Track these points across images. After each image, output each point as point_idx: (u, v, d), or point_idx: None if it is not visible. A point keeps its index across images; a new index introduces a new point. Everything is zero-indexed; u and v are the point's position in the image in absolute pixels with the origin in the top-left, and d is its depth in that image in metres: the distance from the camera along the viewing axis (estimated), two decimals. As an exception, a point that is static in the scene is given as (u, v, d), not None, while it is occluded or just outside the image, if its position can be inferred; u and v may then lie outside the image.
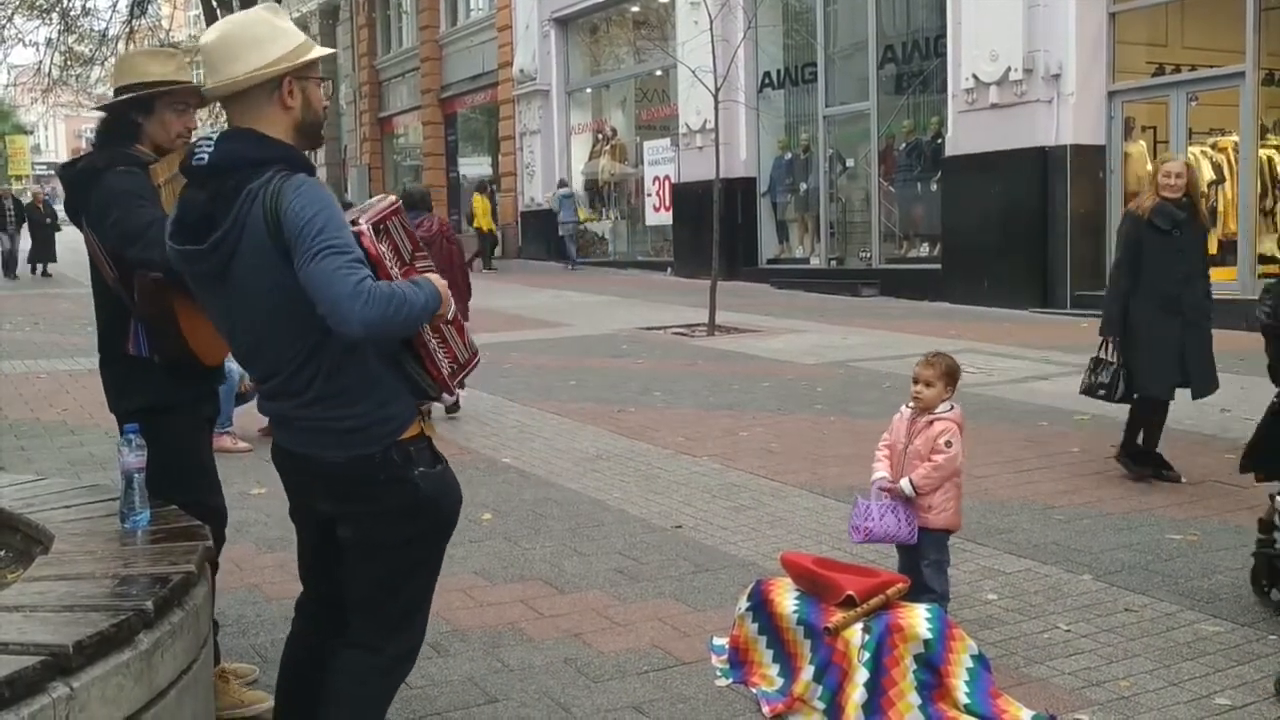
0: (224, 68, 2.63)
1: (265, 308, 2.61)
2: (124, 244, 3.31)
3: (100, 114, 3.81)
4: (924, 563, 4.24)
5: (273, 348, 2.66)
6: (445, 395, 2.81)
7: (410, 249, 2.75)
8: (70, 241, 22.98)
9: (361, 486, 2.70)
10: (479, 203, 23.17)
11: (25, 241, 23.29)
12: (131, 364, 3.48)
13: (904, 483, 4.19)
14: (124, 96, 3.48)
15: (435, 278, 2.67)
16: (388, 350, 2.68)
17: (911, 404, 4.33)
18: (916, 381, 4.28)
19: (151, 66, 3.52)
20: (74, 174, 3.56)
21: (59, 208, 24.32)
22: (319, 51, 2.73)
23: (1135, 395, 6.20)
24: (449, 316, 2.75)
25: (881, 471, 4.30)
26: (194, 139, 2.74)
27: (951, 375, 4.27)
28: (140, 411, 3.45)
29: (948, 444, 4.17)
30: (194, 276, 2.74)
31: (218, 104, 2.88)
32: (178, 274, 2.85)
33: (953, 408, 4.28)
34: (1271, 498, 4.42)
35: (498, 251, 24.77)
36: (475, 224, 23.23)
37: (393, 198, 2.84)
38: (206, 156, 2.60)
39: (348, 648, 2.82)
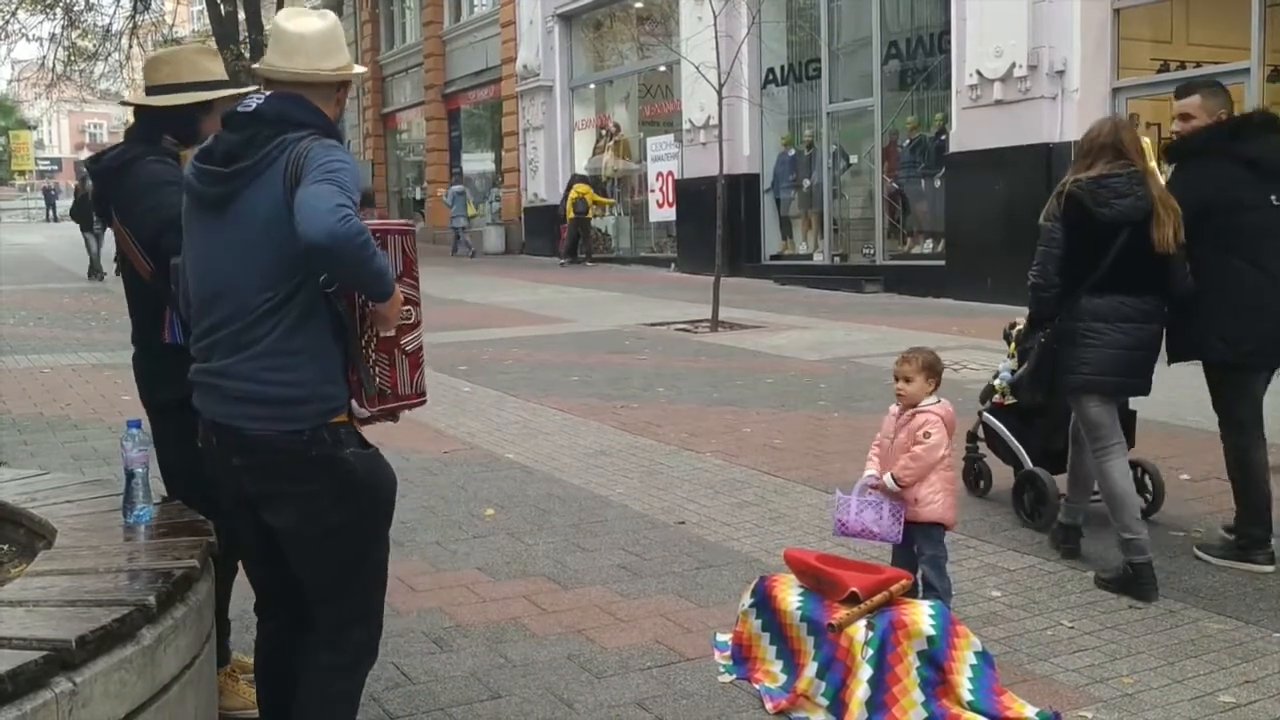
0: (312, 59, 2.82)
1: (250, 246, 2.68)
2: (157, 231, 3.31)
3: (130, 105, 3.82)
4: (920, 559, 4.22)
5: (243, 289, 2.70)
6: (361, 406, 2.81)
7: (400, 270, 2.82)
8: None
9: (290, 464, 2.70)
10: (579, 192, 22.13)
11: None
12: (166, 355, 3.45)
13: (886, 477, 4.18)
14: (199, 96, 3.49)
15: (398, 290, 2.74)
16: (343, 333, 2.74)
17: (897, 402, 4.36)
18: (897, 379, 4.29)
19: (213, 66, 3.61)
20: (104, 166, 3.56)
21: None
22: (360, 69, 3.05)
23: None
24: (407, 349, 2.83)
25: (871, 470, 4.28)
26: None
27: (931, 369, 4.25)
28: (175, 403, 3.39)
29: (926, 435, 4.15)
30: (197, 198, 2.81)
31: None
32: None
33: (939, 401, 4.27)
34: (979, 414, 5.82)
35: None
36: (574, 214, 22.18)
37: (408, 222, 3.06)
38: (254, 104, 2.77)
39: (310, 646, 2.83)
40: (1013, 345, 5.50)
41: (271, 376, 2.68)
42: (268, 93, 2.80)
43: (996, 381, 5.71)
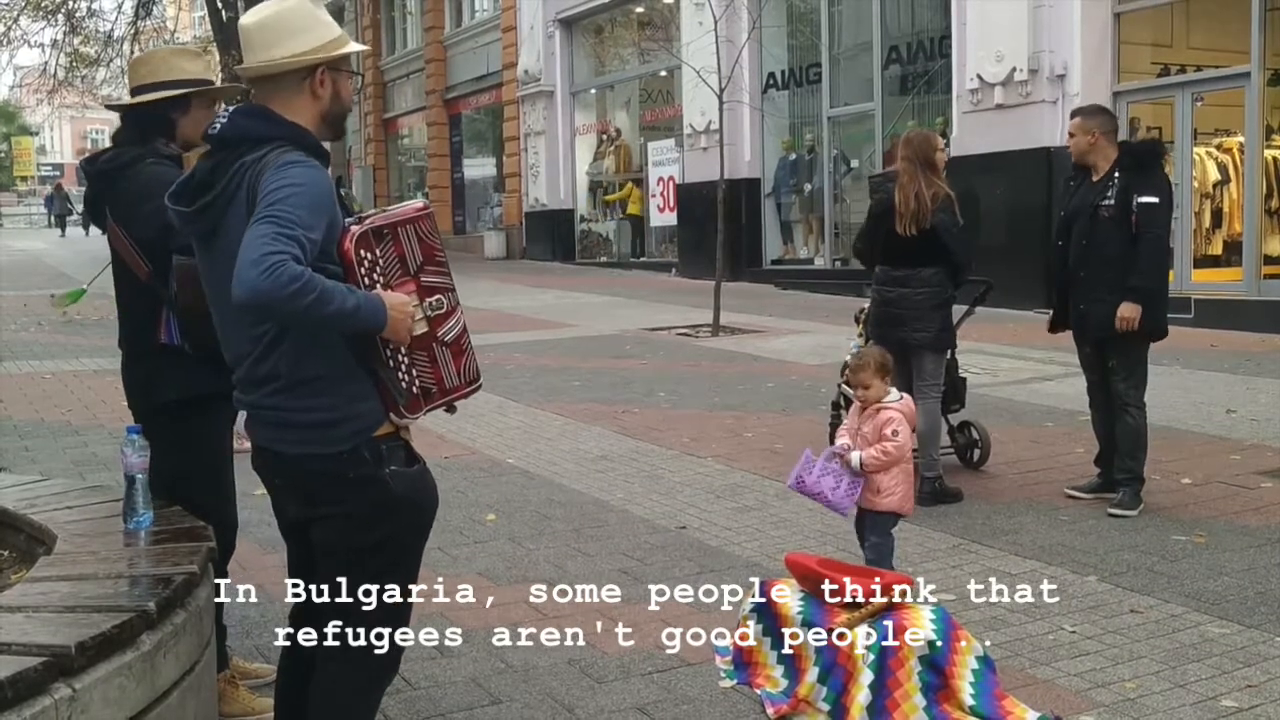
0: (262, 50, 2.66)
1: None
2: (165, 233, 3.28)
3: (112, 109, 3.82)
4: (866, 545, 4.38)
5: (241, 322, 2.62)
6: (405, 414, 2.66)
7: (420, 260, 2.67)
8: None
9: (330, 485, 2.65)
10: (629, 191, 22.65)
11: None
12: (163, 356, 3.45)
13: (854, 455, 4.28)
14: (164, 94, 3.47)
15: (395, 299, 2.56)
16: (362, 349, 2.60)
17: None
18: (855, 388, 4.44)
19: (188, 65, 3.58)
20: (99, 169, 3.54)
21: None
22: (354, 46, 2.78)
23: None
24: (446, 339, 2.69)
25: (844, 439, 4.44)
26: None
27: (883, 368, 4.41)
28: (173, 405, 3.42)
29: (894, 433, 4.29)
30: (189, 237, 2.78)
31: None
32: None
33: (902, 398, 4.43)
34: (839, 385, 6.61)
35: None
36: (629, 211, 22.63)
37: (421, 203, 2.81)
38: (219, 127, 2.66)
39: (334, 652, 2.78)
40: (860, 326, 6.67)
41: (293, 405, 2.61)
42: (233, 108, 2.70)
43: (848, 357, 6.41)
